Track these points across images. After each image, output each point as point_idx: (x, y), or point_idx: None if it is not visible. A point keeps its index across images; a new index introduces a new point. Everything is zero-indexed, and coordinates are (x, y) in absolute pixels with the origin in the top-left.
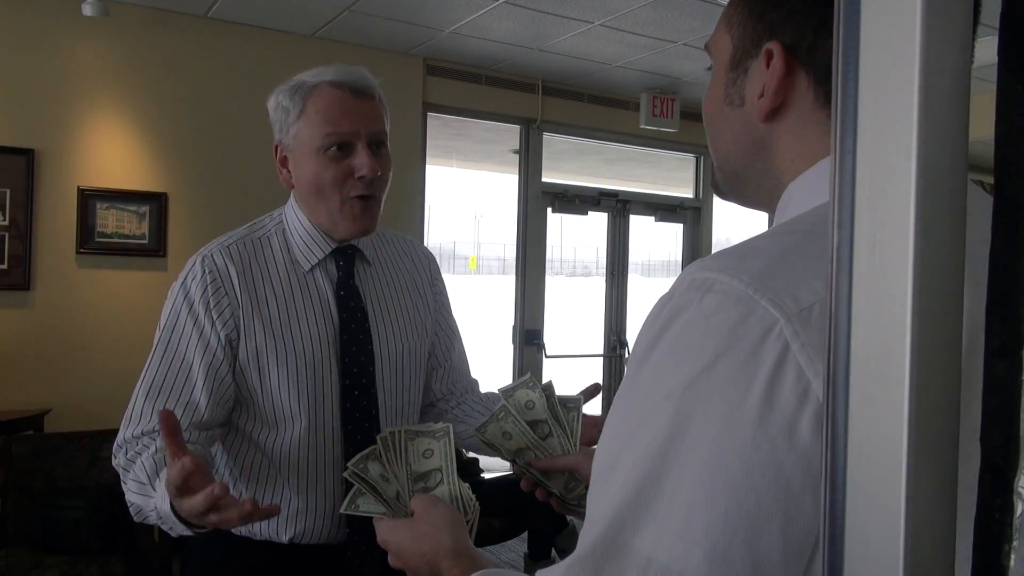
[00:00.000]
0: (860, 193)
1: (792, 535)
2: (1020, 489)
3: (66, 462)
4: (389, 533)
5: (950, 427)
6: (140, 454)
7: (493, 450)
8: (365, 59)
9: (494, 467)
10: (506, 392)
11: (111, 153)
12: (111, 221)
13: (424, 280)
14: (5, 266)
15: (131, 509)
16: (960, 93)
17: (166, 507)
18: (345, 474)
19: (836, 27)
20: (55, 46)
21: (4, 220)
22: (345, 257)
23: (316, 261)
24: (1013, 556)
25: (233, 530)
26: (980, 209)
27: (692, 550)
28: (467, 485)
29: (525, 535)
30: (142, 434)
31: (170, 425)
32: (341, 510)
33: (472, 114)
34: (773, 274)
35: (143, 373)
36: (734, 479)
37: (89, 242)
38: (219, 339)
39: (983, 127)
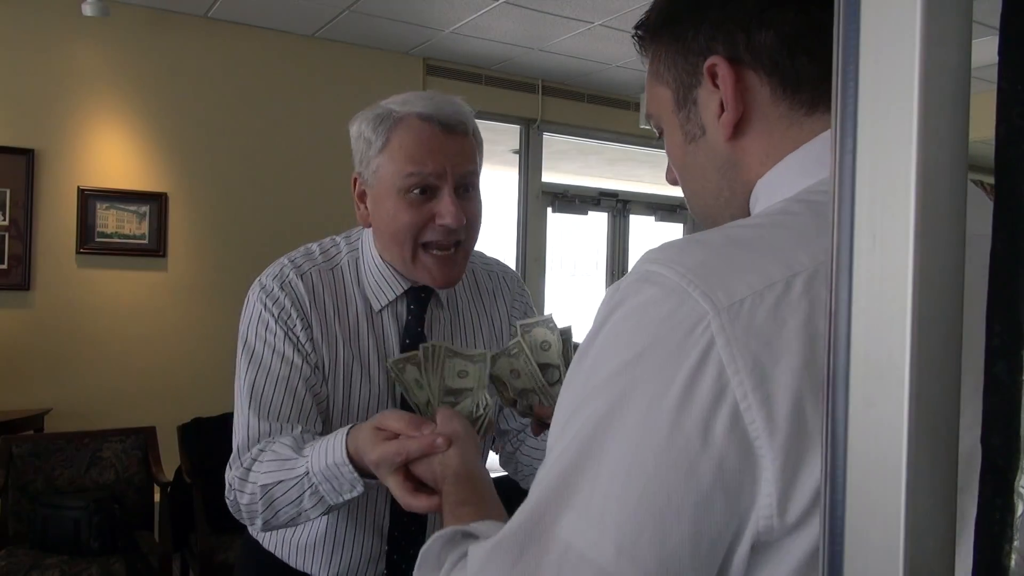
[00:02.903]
0: (860, 193)
1: (703, 534)
2: (1021, 489)
3: (66, 462)
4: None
5: (950, 427)
6: (263, 450)
7: (498, 386)
8: (365, 59)
9: (494, 467)
10: (524, 327)
11: (111, 153)
12: (111, 221)
13: (503, 312)
14: (5, 266)
15: (255, 498)
16: (960, 93)
17: (334, 457)
18: (387, 364)
19: (836, 27)
20: (55, 46)
21: (4, 220)
22: (418, 300)
23: (387, 302)
24: (1014, 556)
25: (276, 553)
26: (979, 210)
27: (604, 541)
28: (486, 392)
29: None
30: (255, 443)
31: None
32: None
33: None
34: (710, 266)
35: (243, 401)
36: (647, 473)
37: (89, 242)
38: (312, 361)
39: (983, 127)
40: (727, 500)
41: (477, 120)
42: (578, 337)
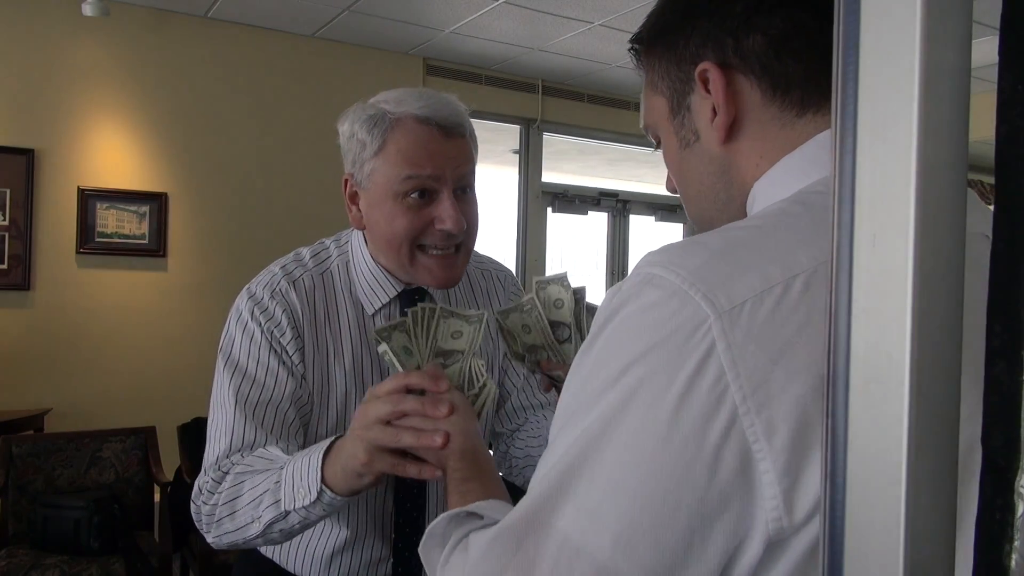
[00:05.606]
0: (860, 192)
1: (700, 533)
2: (1021, 489)
3: (66, 462)
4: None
5: (950, 427)
6: (243, 458)
7: (508, 339)
8: (365, 59)
9: None
10: (540, 283)
11: (111, 153)
12: (111, 221)
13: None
14: (5, 266)
15: (221, 496)
16: (960, 93)
17: (313, 459)
18: (372, 335)
19: (836, 27)
20: (55, 46)
21: (4, 220)
22: (412, 303)
23: (380, 305)
24: (1015, 556)
25: (274, 559)
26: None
27: (602, 533)
28: (482, 361)
29: None
30: (239, 451)
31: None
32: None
33: (472, 114)
34: (711, 269)
35: (227, 408)
36: (644, 471)
37: (89, 242)
38: (300, 375)
39: (983, 127)
40: (724, 501)
41: (477, 120)
42: (591, 299)
